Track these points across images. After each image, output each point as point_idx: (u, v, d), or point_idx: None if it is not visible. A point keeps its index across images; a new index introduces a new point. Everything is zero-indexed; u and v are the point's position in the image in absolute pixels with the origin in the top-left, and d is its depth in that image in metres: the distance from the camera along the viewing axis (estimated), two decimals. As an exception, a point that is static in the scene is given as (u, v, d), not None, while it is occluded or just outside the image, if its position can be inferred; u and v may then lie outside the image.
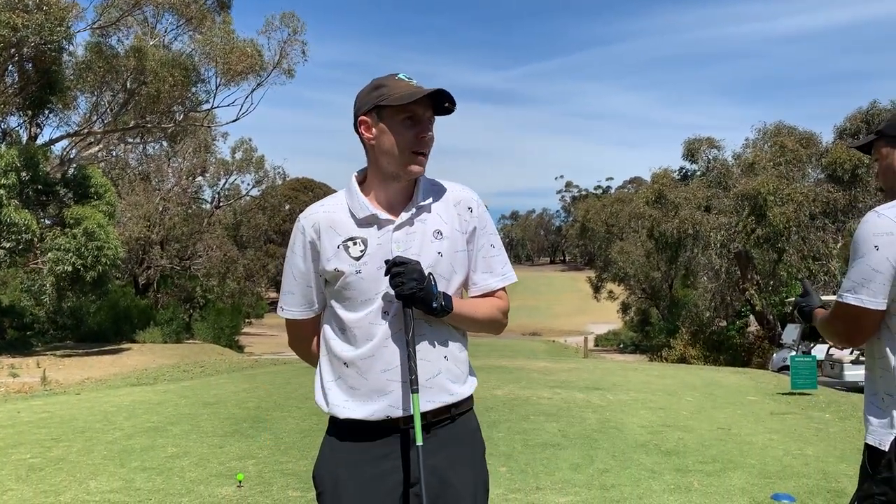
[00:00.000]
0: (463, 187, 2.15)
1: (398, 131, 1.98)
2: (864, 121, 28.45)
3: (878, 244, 1.98)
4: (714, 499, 5.29)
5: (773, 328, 27.06)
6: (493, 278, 2.14)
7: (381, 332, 1.99)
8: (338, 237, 2.02)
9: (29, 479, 5.81)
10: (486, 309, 2.12)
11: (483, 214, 2.13)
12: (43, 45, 21.77)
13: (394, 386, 1.99)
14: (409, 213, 2.03)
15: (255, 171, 45.55)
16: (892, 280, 1.98)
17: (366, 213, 2.02)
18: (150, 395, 11.20)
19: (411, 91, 1.95)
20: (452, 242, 2.06)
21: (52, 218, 22.42)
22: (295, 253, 2.09)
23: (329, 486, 2.02)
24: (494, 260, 2.14)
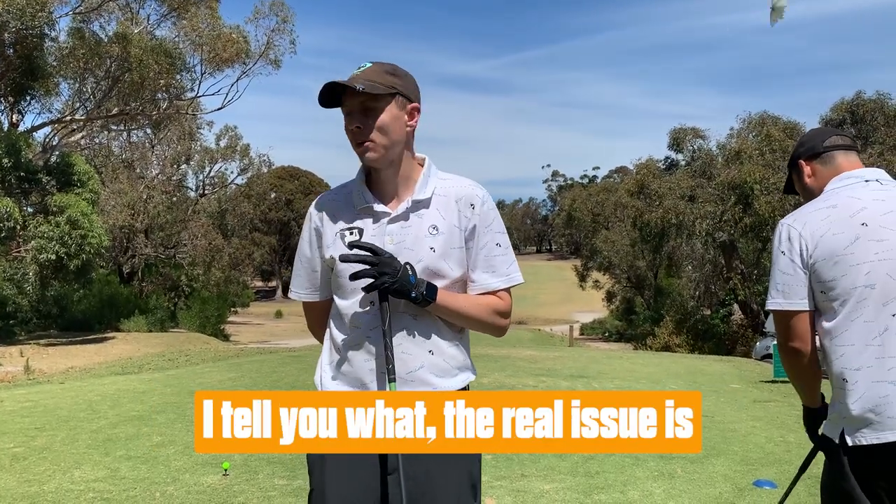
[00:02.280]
0: (471, 183, 2.12)
1: (344, 125, 2.03)
2: (849, 111, 28.63)
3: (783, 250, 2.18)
4: (697, 485, 5.35)
5: (756, 317, 27.29)
6: (494, 278, 2.09)
7: (366, 321, 2.02)
8: (337, 225, 2.07)
9: (12, 469, 5.79)
10: (479, 306, 2.08)
11: (488, 212, 2.09)
12: (24, 31, 21.49)
13: (372, 376, 2.01)
14: (405, 207, 2.04)
15: (240, 159, 45.31)
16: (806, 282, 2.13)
17: (363, 204, 2.06)
18: (135, 383, 11.16)
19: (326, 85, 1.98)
20: (448, 238, 2.04)
21: (35, 206, 22.19)
22: (303, 238, 2.16)
23: (318, 465, 2.04)
24: (498, 259, 2.10)
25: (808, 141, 2.45)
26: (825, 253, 2.10)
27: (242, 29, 27.43)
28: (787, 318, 2.18)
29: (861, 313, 2.07)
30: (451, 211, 2.06)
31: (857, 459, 2.09)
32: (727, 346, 28.00)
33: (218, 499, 4.95)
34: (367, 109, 1.98)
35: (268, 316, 62.36)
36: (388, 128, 1.99)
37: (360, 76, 1.97)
